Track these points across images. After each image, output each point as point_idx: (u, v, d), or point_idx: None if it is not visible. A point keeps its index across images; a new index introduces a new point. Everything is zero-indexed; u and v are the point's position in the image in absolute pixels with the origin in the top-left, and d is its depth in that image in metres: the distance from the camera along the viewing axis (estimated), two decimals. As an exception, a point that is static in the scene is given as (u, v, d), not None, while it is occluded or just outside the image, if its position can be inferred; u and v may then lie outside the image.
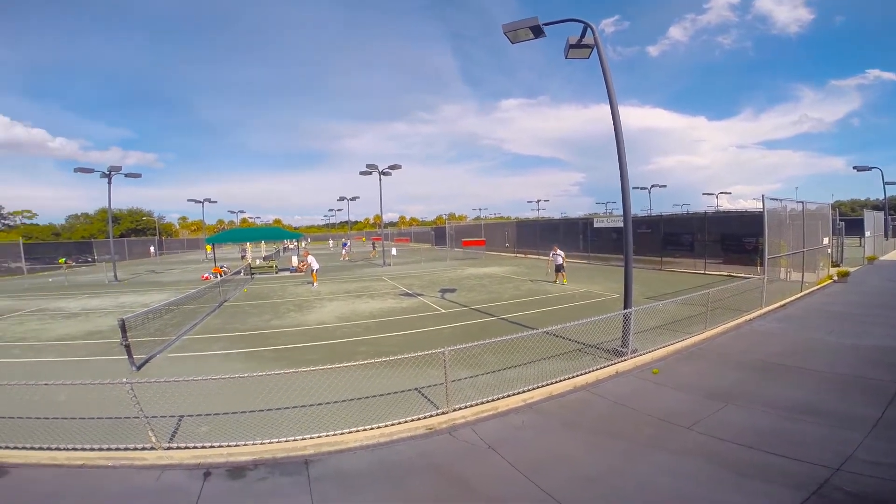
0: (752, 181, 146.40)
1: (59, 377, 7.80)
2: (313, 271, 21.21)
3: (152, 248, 58.16)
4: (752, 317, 11.10)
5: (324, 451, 5.33)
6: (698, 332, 9.61)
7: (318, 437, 5.50)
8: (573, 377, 7.26)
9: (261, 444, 5.37)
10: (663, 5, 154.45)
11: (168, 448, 5.32)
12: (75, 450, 5.26)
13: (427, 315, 13.42)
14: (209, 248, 38.40)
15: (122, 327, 8.54)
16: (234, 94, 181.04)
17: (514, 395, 6.64)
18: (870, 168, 37.18)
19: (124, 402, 5.43)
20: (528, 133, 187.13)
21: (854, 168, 31.43)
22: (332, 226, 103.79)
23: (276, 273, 27.85)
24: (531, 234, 36.20)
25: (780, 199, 13.47)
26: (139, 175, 29.30)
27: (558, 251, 18.67)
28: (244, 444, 5.35)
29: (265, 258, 34.65)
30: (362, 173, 30.71)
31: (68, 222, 73.92)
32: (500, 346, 7.34)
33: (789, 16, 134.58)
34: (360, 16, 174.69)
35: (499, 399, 6.50)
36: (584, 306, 13.74)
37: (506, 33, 8.41)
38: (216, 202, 75.90)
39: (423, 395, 6.84)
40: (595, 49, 8.64)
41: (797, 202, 14.57)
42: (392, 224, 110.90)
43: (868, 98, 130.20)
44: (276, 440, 5.43)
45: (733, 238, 20.99)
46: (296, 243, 39.22)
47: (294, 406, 6.34)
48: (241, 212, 77.29)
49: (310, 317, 13.64)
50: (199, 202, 51.67)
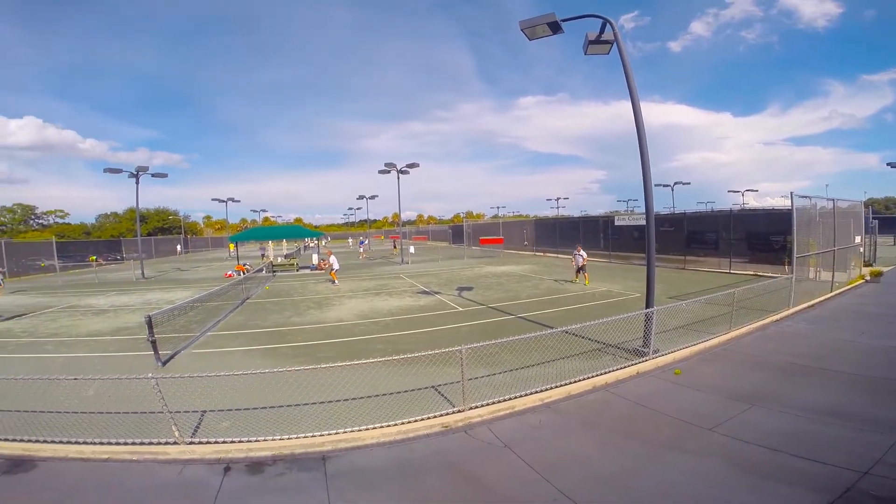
0: (780, 178, 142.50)
1: (89, 372, 8.07)
2: (333, 270, 21.43)
3: (179, 247, 59.58)
4: (779, 317, 10.79)
5: (341, 447, 5.39)
6: (722, 332, 9.39)
7: (336, 433, 5.55)
8: (592, 377, 7.17)
9: (280, 439, 5.45)
10: (684, 0, 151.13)
11: (190, 443, 5.44)
12: (101, 444, 5.42)
13: (445, 313, 13.43)
14: (232, 246, 39.16)
15: (149, 324, 8.78)
16: (256, 96, 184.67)
17: (531, 394, 6.59)
18: (905, 164, 35.55)
19: (149, 397, 5.57)
20: (547, 131, 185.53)
21: (888, 165, 30.08)
22: (352, 224, 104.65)
23: (297, 271, 28.28)
24: (550, 233, 35.79)
25: (810, 197, 13.04)
26: (166, 175, 30.06)
27: (581, 251, 18.45)
28: (263, 440, 5.44)
29: (286, 256, 35.20)
30: (381, 172, 30.93)
31: (98, 221, 76.47)
32: (517, 344, 7.30)
33: (816, 10, 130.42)
34: (377, 16, 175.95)
35: (516, 398, 6.46)
36: (604, 305, 13.55)
37: (523, 30, 8.34)
38: (239, 201, 77.28)
39: (439, 393, 6.85)
40: (615, 45, 8.50)
41: (828, 199, 14.09)
42: (410, 222, 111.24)
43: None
44: (295, 436, 5.50)
45: (760, 236, 20.42)
46: (316, 242, 39.71)
47: (313, 402, 6.41)
48: (264, 211, 78.87)
49: (329, 314, 13.79)
50: (223, 201, 53.00)
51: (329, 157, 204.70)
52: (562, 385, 6.87)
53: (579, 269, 18.34)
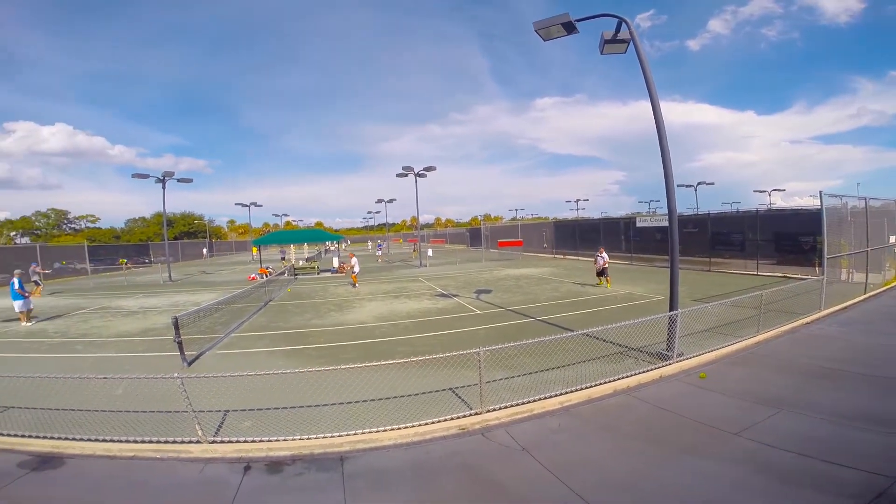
0: (808, 177, 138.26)
1: (118, 372, 8.31)
2: (354, 273, 21.62)
3: (205, 250, 61.07)
4: (809, 320, 10.43)
5: (359, 448, 5.42)
6: (750, 335, 9.12)
7: (355, 434, 5.58)
8: (614, 380, 7.05)
9: (300, 439, 5.52)
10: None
11: (213, 442, 5.54)
12: (127, 442, 5.56)
13: (463, 316, 13.40)
14: (255, 249, 39.94)
15: (176, 325, 9.00)
16: (278, 102, 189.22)
17: (550, 397, 6.51)
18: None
19: (175, 397, 5.69)
20: (565, 132, 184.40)
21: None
22: (371, 228, 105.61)
23: (318, 274, 28.62)
24: (570, 235, 35.36)
25: (840, 196, 12.59)
26: (191, 180, 30.94)
27: (603, 253, 18.18)
28: (283, 440, 5.51)
29: (307, 259, 35.67)
30: (399, 175, 31.10)
31: (127, 226, 79.18)
32: (536, 347, 7.23)
33: (837, 6, 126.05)
34: (395, 22, 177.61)
35: (534, 401, 6.39)
36: (625, 308, 13.33)
37: (537, 31, 8.29)
38: (262, 206, 79.31)
39: (457, 395, 6.83)
40: (631, 44, 8.38)
41: (859, 198, 13.58)
42: (428, 226, 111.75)
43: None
44: (315, 436, 5.56)
45: (788, 237, 19.82)
46: (336, 245, 40.21)
47: (332, 403, 6.47)
48: (285, 215, 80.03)
49: (349, 316, 13.91)
50: (246, 206, 53.94)
51: (348, 161, 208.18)
52: (582, 389, 6.77)
53: (600, 273, 18.08)
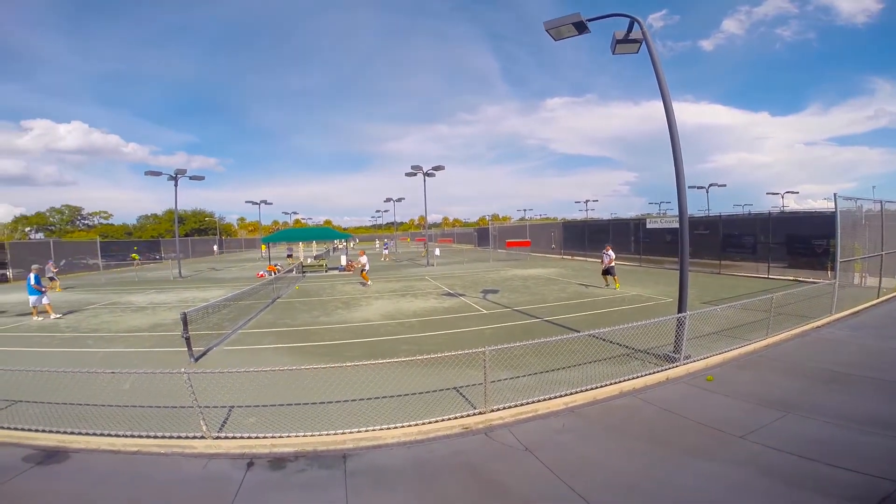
0: (823, 180, 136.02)
1: (126, 367, 8.42)
2: (364, 270, 21.68)
3: (215, 247, 61.67)
4: (819, 324, 10.27)
5: (362, 445, 5.42)
6: (759, 338, 8.99)
7: (358, 431, 5.59)
8: (620, 382, 6.99)
9: (303, 436, 5.53)
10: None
11: (217, 437, 5.57)
12: (132, 436, 5.60)
13: (469, 315, 13.38)
14: (264, 247, 40.23)
15: (184, 321, 9.07)
16: (288, 101, 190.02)
17: (555, 398, 6.47)
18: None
19: (181, 392, 5.74)
20: (574, 132, 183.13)
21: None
22: (379, 226, 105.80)
23: (326, 272, 28.76)
24: (579, 236, 35.09)
25: (855, 199, 12.39)
26: (202, 178, 31.24)
27: (609, 251, 17.70)
28: (287, 436, 5.53)
29: (316, 257, 35.86)
30: (407, 174, 31.15)
31: (139, 222, 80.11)
32: (542, 348, 7.19)
33: (854, 6, 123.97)
34: (403, 21, 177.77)
35: (539, 401, 6.36)
36: (633, 310, 13.21)
37: (548, 31, 8.22)
38: (272, 204, 79.83)
39: (461, 394, 6.82)
40: (643, 44, 8.29)
41: (874, 201, 13.36)
42: (435, 225, 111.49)
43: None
44: (318, 433, 5.57)
45: (801, 240, 19.53)
46: (344, 243, 40.41)
47: (336, 400, 6.47)
48: (295, 213, 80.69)
49: (356, 314, 13.95)
50: (256, 204, 54.47)
51: (357, 160, 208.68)
52: (587, 389, 6.72)
53: (606, 272, 17.73)
